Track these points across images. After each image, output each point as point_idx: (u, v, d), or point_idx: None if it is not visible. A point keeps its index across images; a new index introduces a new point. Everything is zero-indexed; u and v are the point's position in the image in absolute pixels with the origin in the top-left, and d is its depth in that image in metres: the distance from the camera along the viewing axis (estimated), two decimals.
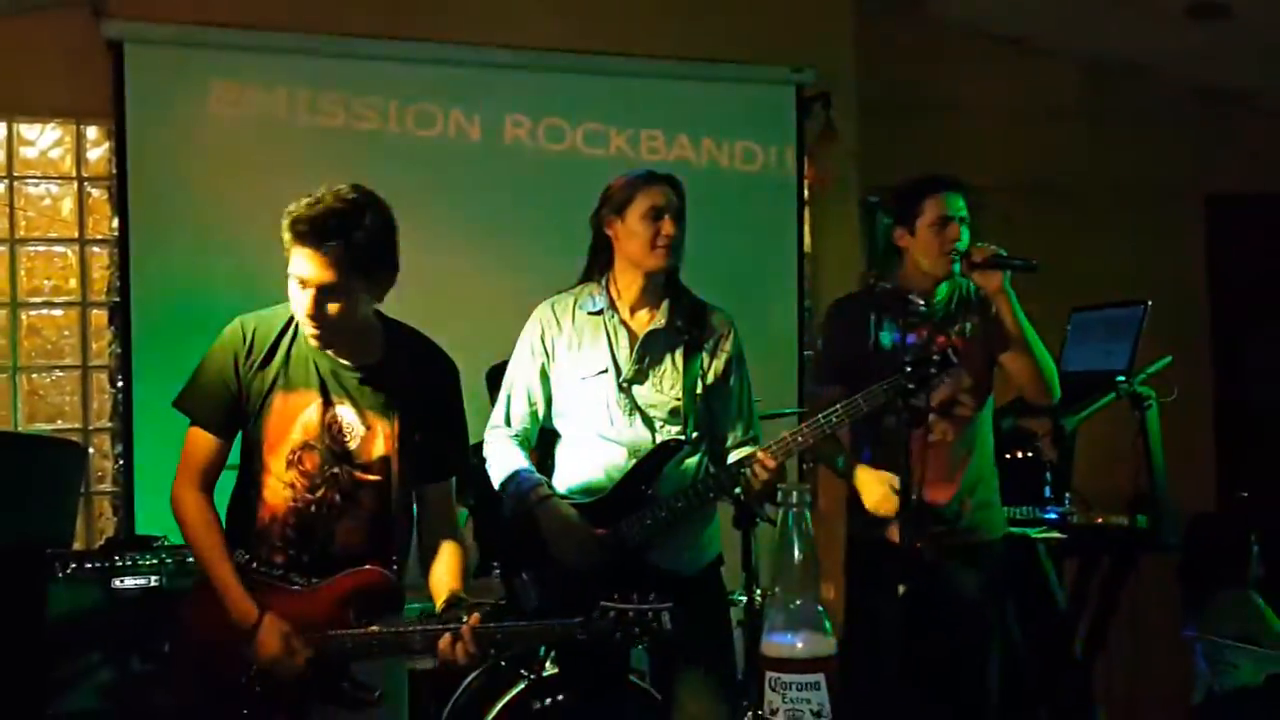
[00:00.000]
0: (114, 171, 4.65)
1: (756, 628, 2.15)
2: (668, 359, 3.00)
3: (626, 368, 2.99)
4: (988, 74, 5.58)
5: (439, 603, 2.53)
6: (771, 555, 2.07)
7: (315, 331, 2.47)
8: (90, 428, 4.73)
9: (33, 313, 4.72)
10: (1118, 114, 5.62)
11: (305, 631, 2.45)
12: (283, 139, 4.78)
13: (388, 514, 2.55)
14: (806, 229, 5.42)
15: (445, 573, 2.58)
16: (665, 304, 3.01)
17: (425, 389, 2.59)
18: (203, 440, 2.57)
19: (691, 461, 3.00)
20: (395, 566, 2.58)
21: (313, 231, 2.37)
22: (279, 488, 2.55)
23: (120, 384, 4.60)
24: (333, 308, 2.42)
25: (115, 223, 4.65)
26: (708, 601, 3.00)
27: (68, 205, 4.77)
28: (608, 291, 3.03)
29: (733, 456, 2.97)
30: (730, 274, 5.00)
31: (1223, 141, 5.70)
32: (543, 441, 3.16)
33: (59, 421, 4.72)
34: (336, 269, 2.38)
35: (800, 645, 1.92)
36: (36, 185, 4.75)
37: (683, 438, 2.96)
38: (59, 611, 3.79)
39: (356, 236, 2.39)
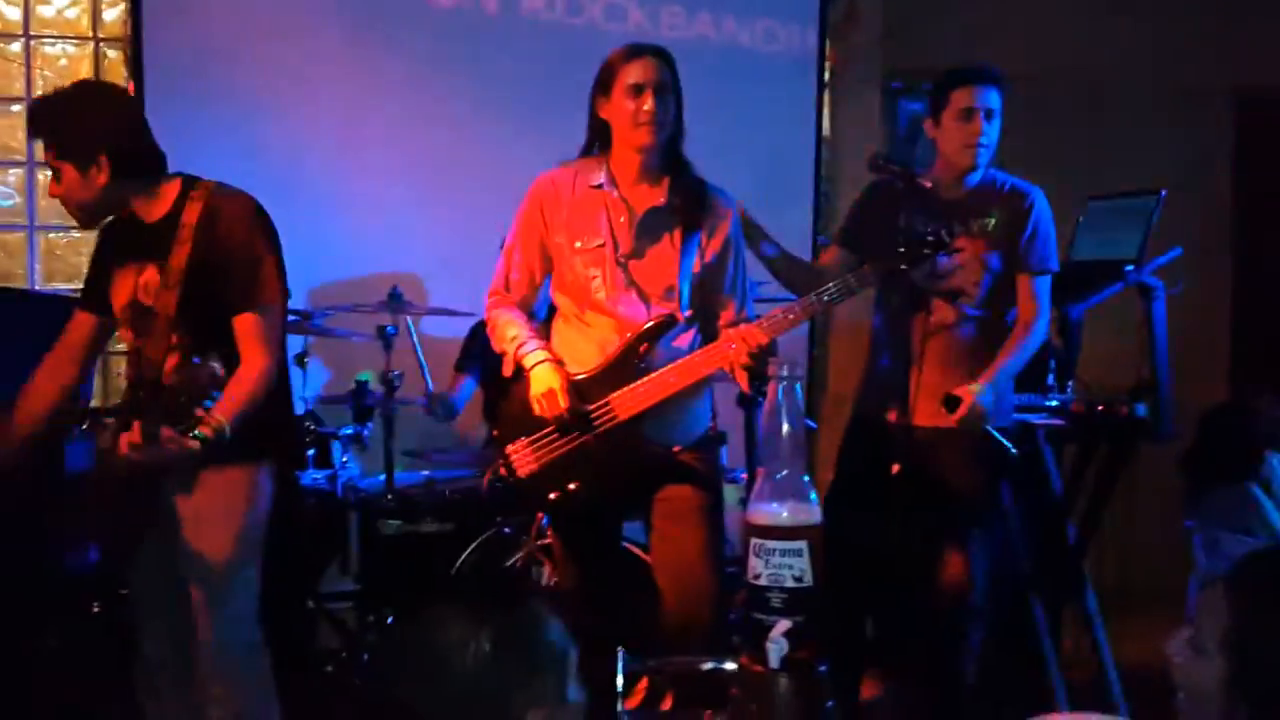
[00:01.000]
0: (129, 33, 4.64)
1: None
2: (665, 237, 2.99)
3: (624, 243, 2.98)
4: None
5: None
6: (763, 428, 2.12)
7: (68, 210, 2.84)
8: None
9: (50, 173, 4.73)
10: (1151, 5, 5.49)
11: None
12: (297, 5, 4.73)
13: (204, 353, 2.73)
14: (826, 113, 5.36)
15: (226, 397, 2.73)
16: (666, 181, 3.00)
17: (212, 231, 2.77)
18: (79, 318, 2.97)
19: (685, 339, 3.02)
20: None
21: (29, 126, 2.82)
22: (129, 350, 2.91)
23: None
24: (60, 189, 2.78)
25: (131, 85, 4.62)
26: (695, 476, 3.04)
27: (85, 66, 4.75)
28: (608, 168, 3.01)
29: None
30: (747, 156, 4.97)
31: (1257, 36, 5.56)
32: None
33: (75, 282, 4.75)
34: (51, 156, 2.75)
35: (785, 514, 1.98)
36: (53, 45, 4.74)
37: (677, 314, 2.98)
38: (75, 468, 3.88)
39: (56, 130, 2.74)
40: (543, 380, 2.93)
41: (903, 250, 2.96)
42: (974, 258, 3.31)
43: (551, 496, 2.99)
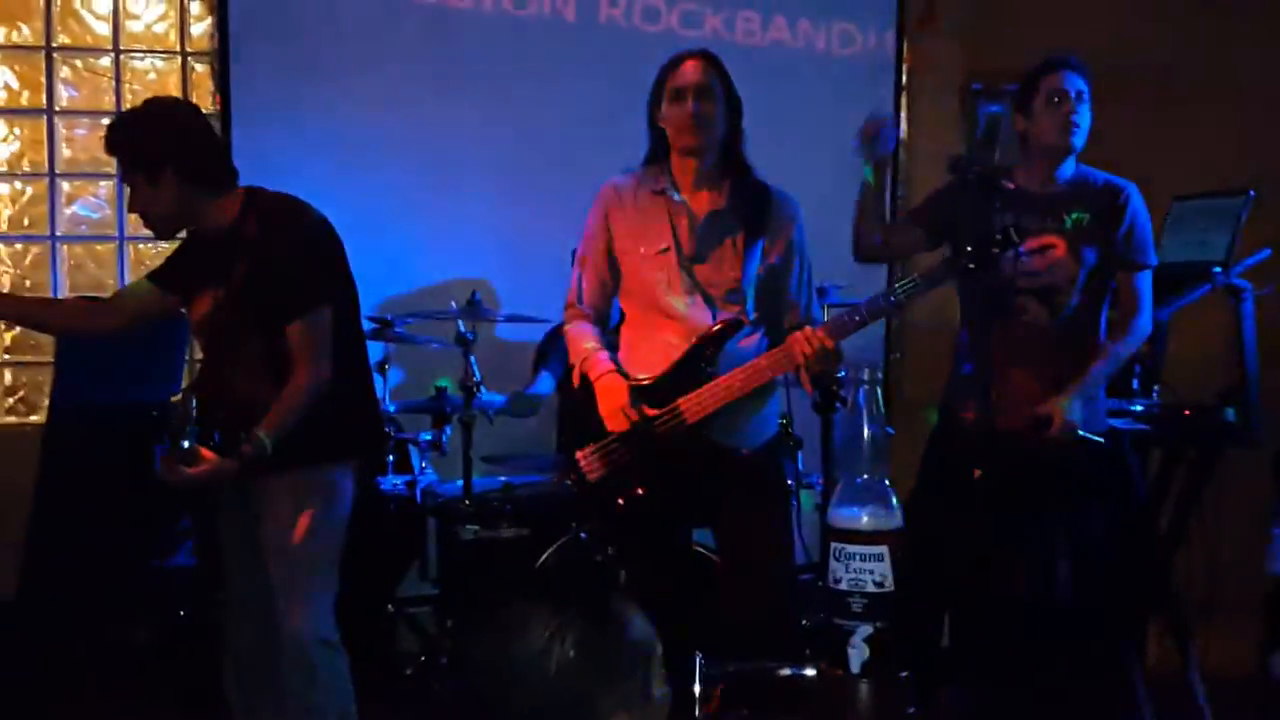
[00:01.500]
0: (216, 47, 4.73)
1: None
2: (728, 240, 3.00)
3: (688, 247, 3.00)
4: None
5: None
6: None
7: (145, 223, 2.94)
8: None
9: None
10: (1235, 2, 5.38)
11: None
12: (382, 15, 4.80)
13: (271, 364, 2.84)
14: (903, 115, 5.32)
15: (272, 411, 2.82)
16: (727, 185, 3.02)
17: (266, 245, 2.84)
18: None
19: (750, 342, 3.03)
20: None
21: (106, 146, 2.89)
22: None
23: None
24: (135, 202, 2.87)
25: (217, 98, 4.73)
26: (762, 478, 3.04)
27: (173, 80, 4.87)
28: (669, 173, 3.04)
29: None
30: (824, 159, 4.95)
31: None
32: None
33: None
34: (125, 171, 2.87)
35: (865, 519, 1.97)
36: (142, 59, 4.86)
37: (743, 317, 2.99)
38: None
39: (125, 145, 2.84)
40: (608, 393, 2.97)
41: (970, 249, 2.92)
42: (1067, 254, 3.24)
43: (620, 501, 3.01)
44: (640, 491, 2.97)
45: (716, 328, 2.96)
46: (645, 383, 2.99)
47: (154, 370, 4.31)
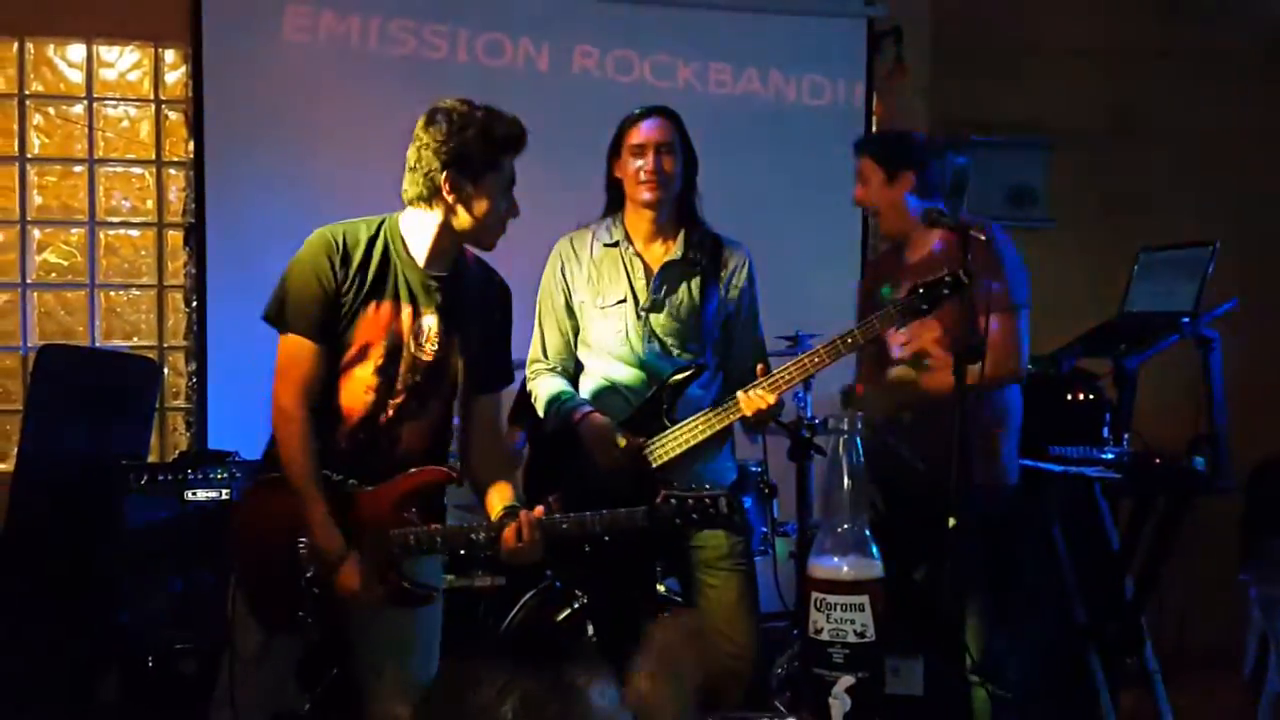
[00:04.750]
0: (190, 95, 4.73)
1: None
2: (683, 288, 3.10)
3: (644, 297, 3.09)
4: (1065, 14, 5.47)
5: (498, 508, 2.68)
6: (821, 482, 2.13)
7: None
8: (165, 345, 4.86)
9: (111, 232, 4.85)
10: (1196, 56, 5.49)
11: (365, 531, 2.56)
12: (354, 65, 4.82)
13: (449, 419, 2.72)
14: None
15: (504, 484, 2.73)
16: (681, 236, 3.11)
17: (487, 304, 2.75)
18: (303, 348, 2.58)
19: (706, 387, 3.11)
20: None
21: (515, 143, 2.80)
22: (359, 393, 2.61)
23: (194, 303, 4.71)
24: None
25: (191, 145, 4.73)
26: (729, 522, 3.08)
27: (145, 127, 4.86)
28: (623, 225, 3.14)
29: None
30: (795, 209, 5.01)
31: None
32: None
33: (135, 339, 4.85)
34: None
35: (846, 568, 1.98)
36: (115, 107, 4.85)
37: (699, 364, 3.07)
38: (134, 521, 3.93)
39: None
40: (594, 427, 3.02)
41: (922, 292, 2.94)
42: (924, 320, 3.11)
43: (586, 549, 3.03)
44: (606, 539, 3.00)
45: (677, 375, 3.04)
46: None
47: (124, 423, 4.27)
